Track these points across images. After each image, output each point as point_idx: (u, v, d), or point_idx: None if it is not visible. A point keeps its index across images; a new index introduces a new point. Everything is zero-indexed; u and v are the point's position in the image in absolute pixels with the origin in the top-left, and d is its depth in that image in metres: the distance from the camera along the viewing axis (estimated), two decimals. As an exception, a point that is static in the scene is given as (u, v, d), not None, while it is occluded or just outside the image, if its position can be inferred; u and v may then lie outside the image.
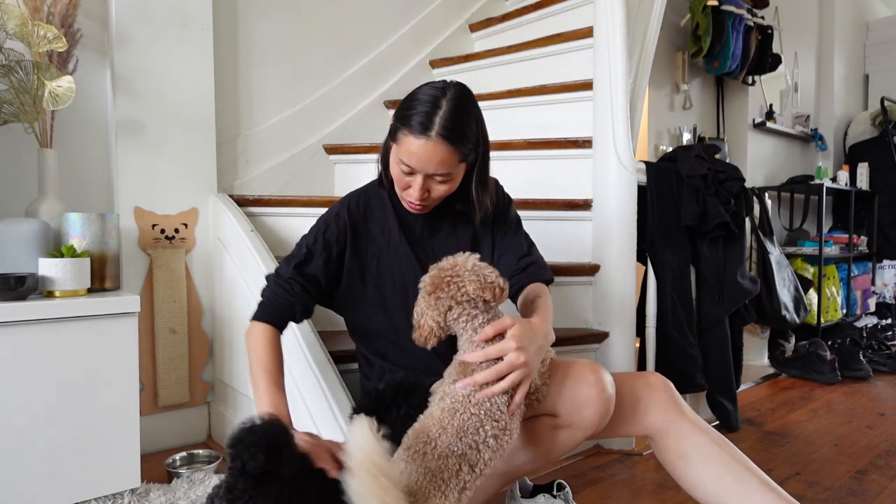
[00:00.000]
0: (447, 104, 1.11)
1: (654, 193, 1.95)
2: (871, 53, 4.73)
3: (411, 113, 1.12)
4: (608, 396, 1.13)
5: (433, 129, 1.09)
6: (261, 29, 2.22)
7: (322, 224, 1.25)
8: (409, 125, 1.11)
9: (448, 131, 1.10)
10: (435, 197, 1.19)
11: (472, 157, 1.18)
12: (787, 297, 2.73)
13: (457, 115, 1.12)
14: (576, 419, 1.12)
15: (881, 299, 4.10)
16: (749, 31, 3.25)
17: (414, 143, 1.10)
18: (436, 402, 1.00)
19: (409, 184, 1.16)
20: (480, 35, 2.91)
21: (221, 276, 1.82)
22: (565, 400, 1.13)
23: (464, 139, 1.13)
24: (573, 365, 1.16)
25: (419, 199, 1.17)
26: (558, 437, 1.15)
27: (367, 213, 1.28)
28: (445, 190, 1.18)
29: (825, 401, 2.47)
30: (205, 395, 1.90)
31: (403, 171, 1.15)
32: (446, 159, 1.12)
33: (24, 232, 1.43)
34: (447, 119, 1.10)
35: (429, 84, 1.16)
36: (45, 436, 1.33)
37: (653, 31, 2.02)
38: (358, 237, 1.25)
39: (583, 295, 1.91)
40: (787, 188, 3.69)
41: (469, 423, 0.95)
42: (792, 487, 1.60)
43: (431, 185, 1.16)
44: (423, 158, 1.11)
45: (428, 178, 1.15)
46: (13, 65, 1.53)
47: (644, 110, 2.32)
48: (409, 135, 1.11)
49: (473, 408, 0.96)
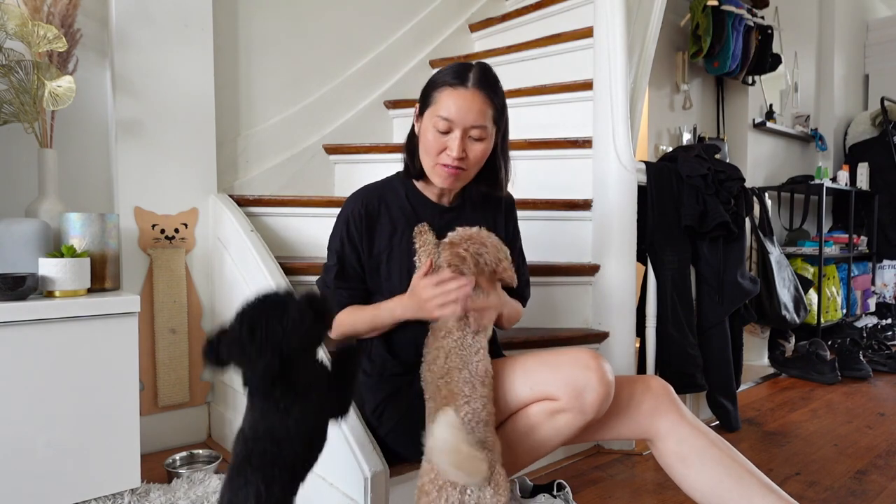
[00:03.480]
0: (476, 66, 1.22)
1: (654, 193, 1.95)
2: (871, 53, 4.72)
3: (444, 74, 1.21)
4: (608, 382, 1.14)
5: (469, 81, 1.19)
6: (261, 29, 2.22)
7: (343, 225, 1.30)
8: (445, 82, 1.19)
9: (482, 83, 1.20)
10: (472, 158, 1.22)
11: (501, 122, 1.25)
12: (787, 297, 2.73)
13: (487, 74, 1.22)
14: (576, 404, 1.13)
15: (881, 299, 4.10)
16: (749, 31, 3.25)
17: (453, 94, 1.18)
18: (442, 359, 1.13)
19: (445, 144, 1.20)
20: (480, 35, 2.91)
21: (221, 276, 1.82)
22: (565, 384, 1.14)
23: (497, 93, 1.22)
24: (574, 351, 1.19)
25: (458, 155, 1.20)
26: (558, 421, 1.16)
27: (382, 207, 1.30)
28: (481, 149, 1.22)
29: (825, 401, 2.47)
30: (205, 395, 1.90)
31: (440, 131, 1.20)
32: (483, 109, 1.19)
33: (24, 232, 1.43)
34: (480, 73, 1.21)
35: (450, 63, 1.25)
36: (45, 436, 1.33)
37: (653, 31, 2.02)
38: (373, 230, 1.29)
39: (583, 295, 1.91)
40: (787, 188, 3.69)
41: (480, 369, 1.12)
42: (792, 487, 1.60)
43: (468, 144, 1.21)
44: (462, 108, 1.18)
45: (465, 134, 1.20)
46: (13, 65, 1.53)
47: (644, 110, 2.32)
48: (447, 87, 1.19)
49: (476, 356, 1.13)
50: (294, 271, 1.69)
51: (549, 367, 1.17)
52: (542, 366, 1.18)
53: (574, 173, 2.04)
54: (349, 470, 1.23)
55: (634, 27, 1.98)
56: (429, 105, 1.21)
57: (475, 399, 1.08)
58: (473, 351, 1.12)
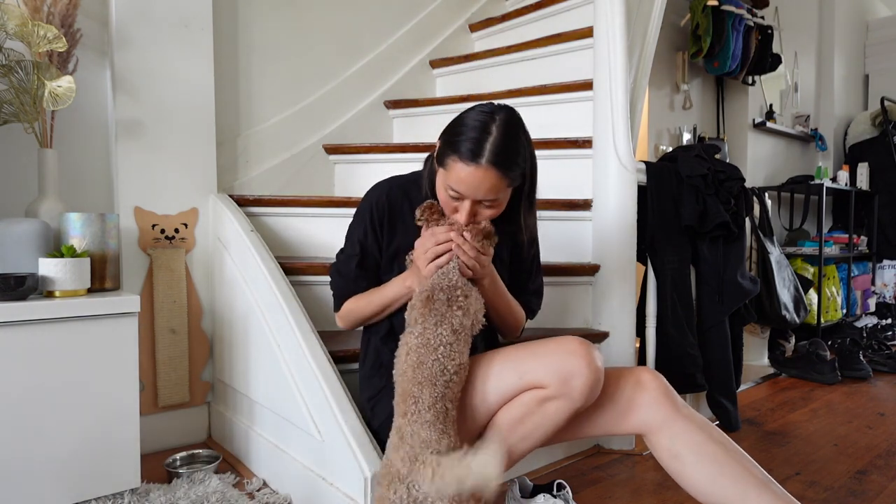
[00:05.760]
0: (497, 130, 1.13)
1: (654, 193, 1.95)
2: (871, 53, 4.73)
3: (460, 139, 1.13)
4: (596, 368, 1.13)
5: (483, 157, 1.11)
6: (261, 29, 2.22)
7: (366, 214, 1.29)
8: (458, 152, 1.12)
9: (498, 158, 1.11)
10: (483, 218, 1.20)
11: (520, 181, 1.19)
12: (787, 297, 2.73)
13: (507, 141, 1.12)
14: (564, 390, 1.12)
15: (881, 299, 4.10)
16: (749, 31, 3.25)
17: (464, 171, 1.12)
18: (403, 357, 1.11)
19: (456, 208, 1.18)
20: (480, 35, 2.91)
21: (221, 276, 1.82)
22: (553, 371, 1.13)
23: (514, 165, 1.14)
24: (561, 338, 1.18)
25: (466, 223, 1.18)
26: (548, 409, 1.15)
27: (404, 202, 1.30)
28: (491, 214, 1.20)
29: (825, 401, 2.47)
30: (205, 395, 1.90)
31: (451, 197, 1.17)
32: (496, 186, 1.14)
33: (24, 232, 1.43)
34: (497, 146, 1.11)
35: (476, 109, 1.17)
36: (44, 436, 1.34)
37: (653, 31, 2.02)
38: (394, 223, 1.28)
39: (583, 295, 1.91)
40: (787, 188, 3.69)
41: (434, 368, 1.07)
42: (792, 487, 1.60)
43: (479, 210, 1.18)
44: (472, 186, 1.13)
45: (476, 203, 1.17)
46: (13, 65, 1.53)
47: (644, 110, 2.32)
48: (459, 161, 1.12)
49: (433, 354, 1.08)
50: (294, 271, 1.69)
51: (537, 355, 1.16)
52: (529, 355, 1.17)
53: (574, 173, 2.04)
54: (349, 470, 1.23)
55: (634, 27, 1.98)
56: (443, 164, 1.17)
57: (423, 400, 1.05)
58: (432, 347, 1.09)
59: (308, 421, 1.38)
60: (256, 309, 1.61)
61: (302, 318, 1.47)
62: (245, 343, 1.69)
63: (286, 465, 1.49)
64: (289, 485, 1.48)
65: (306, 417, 1.39)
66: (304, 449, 1.43)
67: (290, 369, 1.46)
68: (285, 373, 1.47)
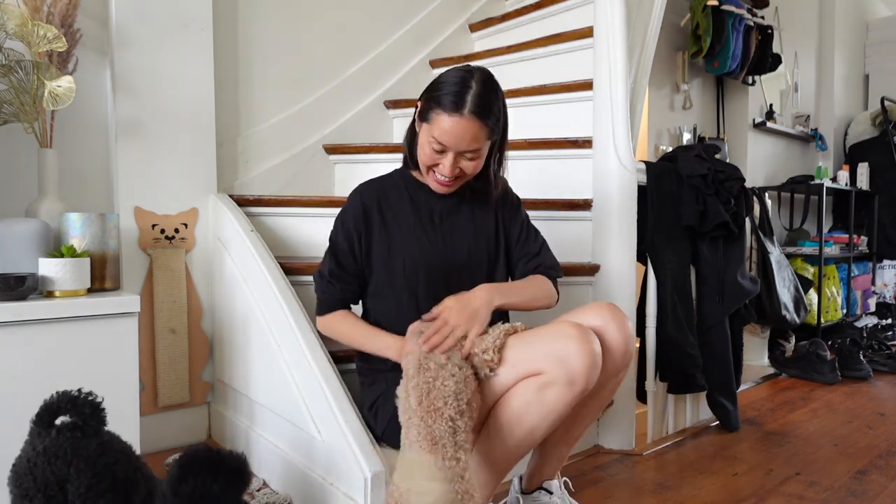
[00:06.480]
0: (476, 84, 1.20)
1: (654, 193, 1.95)
2: (871, 53, 4.72)
3: (443, 94, 1.20)
4: (591, 349, 1.11)
5: (466, 108, 1.18)
6: (261, 29, 2.22)
7: (346, 216, 1.32)
8: (441, 104, 1.19)
9: (480, 108, 1.18)
10: (464, 172, 1.25)
11: (497, 134, 1.25)
12: (787, 297, 2.73)
13: (486, 93, 1.20)
14: (562, 372, 1.09)
15: (881, 299, 4.10)
16: (749, 30, 3.25)
17: (448, 122, 1.18)
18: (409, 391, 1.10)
19: (438, 161, 1.24)
20: (480, 35, 2.91)
21: (221, 276, 1.82)
22: (548, 355, 1.11)
23: (492, 116, 1.21)
24: (554, 323, 1.18)
25: (450, 175, 1.23)
26: (547, 396, 1.11)
27: (382, 200, 1.33)
28: (473, 167, 1.25)
29: (825, 401, 2.47)
30: (205, 395, 1.90)
31: (435, 150, 1.22)
32: (477, 135, 1.20)
33: (24, 232, 1.42)
34: (478, 97, 1.19)
35: (454, 68, 1.24)
36: (45, 436, 1.33)
37: (653, 31, 2.02)
38: (372, 224, 1.31)
39: (583, 295, 1.91)
40: (787, 188, 3.69)
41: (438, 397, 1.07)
42: (792, 487, 1.60)
43: (461, 162, 1.24)
44: (456, 135, 1.19)
45: (458, 155, 1.22)
46: (13, 65, 1.53)
47: (644, 110, 2.32)
48: (443, 113, 1.19)
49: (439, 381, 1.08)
50: (294, 271, 1.68)
51: (529, 343, 1.15)
52: (521, 343, 1.15)
53: (574, 173, 2.04)
54: (349, 470, 1.23)
55: (634, 27, 1.98)
56: (426, 119, 1.23)
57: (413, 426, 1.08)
58: (433, 381, 1.09)
59: (308, 421, 1.38)
60: (256, 309, 1.61)
61: (302, 318, 1.47)
62: (245, 343, 1.69)
63: (286, 465, 1.49)
64: (289, 485, 1.48)
65: (306, 417, 1.39)
66: (305, 449, 1.43)
67: (290, 369, 1.46)
68: (285, 373, 1.47)
